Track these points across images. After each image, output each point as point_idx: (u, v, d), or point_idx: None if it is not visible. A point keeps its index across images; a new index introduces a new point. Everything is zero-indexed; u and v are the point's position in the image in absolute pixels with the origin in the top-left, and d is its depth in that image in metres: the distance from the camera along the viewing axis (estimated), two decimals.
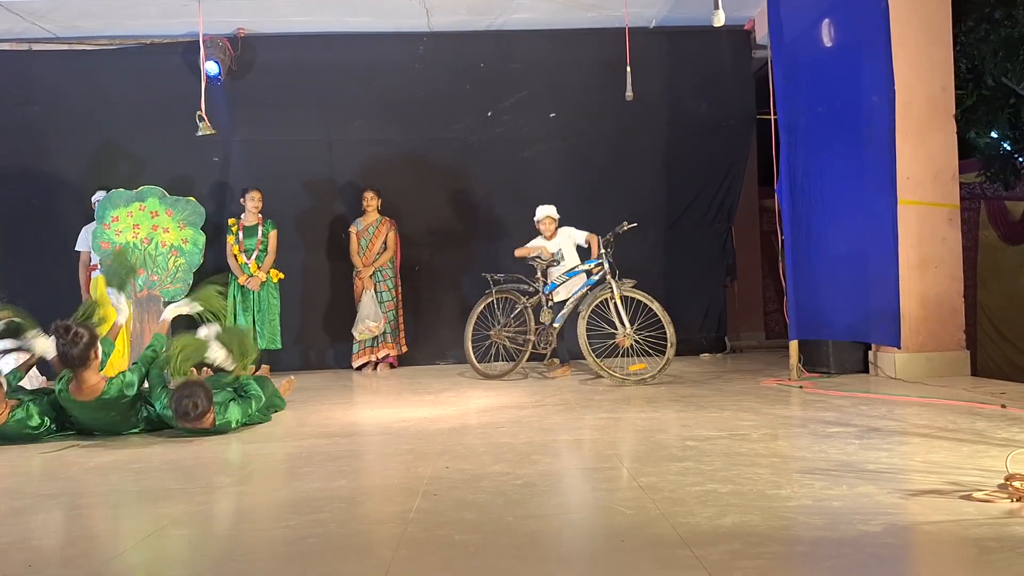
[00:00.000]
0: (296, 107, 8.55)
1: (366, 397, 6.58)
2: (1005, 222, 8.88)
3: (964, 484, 2.97)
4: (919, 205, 6.23)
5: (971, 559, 2.32)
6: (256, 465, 3.97)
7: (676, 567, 2.24)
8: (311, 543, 2.58)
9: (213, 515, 3.10)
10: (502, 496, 3.07)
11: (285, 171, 8.53)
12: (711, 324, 8.88)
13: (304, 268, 8.59)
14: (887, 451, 3.65)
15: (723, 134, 8.76)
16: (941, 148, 6.35)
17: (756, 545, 2.38)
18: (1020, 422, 4.21)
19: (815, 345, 6.63)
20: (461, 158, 8.75)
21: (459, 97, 8.69)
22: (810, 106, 6.39)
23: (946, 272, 6.32)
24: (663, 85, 8.69)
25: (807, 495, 2.94)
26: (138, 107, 8.42)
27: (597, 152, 8.73)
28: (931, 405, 4.91)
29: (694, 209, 8.84)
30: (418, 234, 8.64)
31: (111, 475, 3.85)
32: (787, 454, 3.73)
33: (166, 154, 8.35)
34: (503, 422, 4.86)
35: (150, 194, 6.69)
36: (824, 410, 4.87)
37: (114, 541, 2.82)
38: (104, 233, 6.59)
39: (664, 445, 3.99)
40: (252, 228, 7.93)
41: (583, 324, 6.57)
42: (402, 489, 3.30)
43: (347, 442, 4.44)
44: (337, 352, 8.56)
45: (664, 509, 2.80)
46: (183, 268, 6.59)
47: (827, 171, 6.29)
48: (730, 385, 6.25)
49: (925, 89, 6.30)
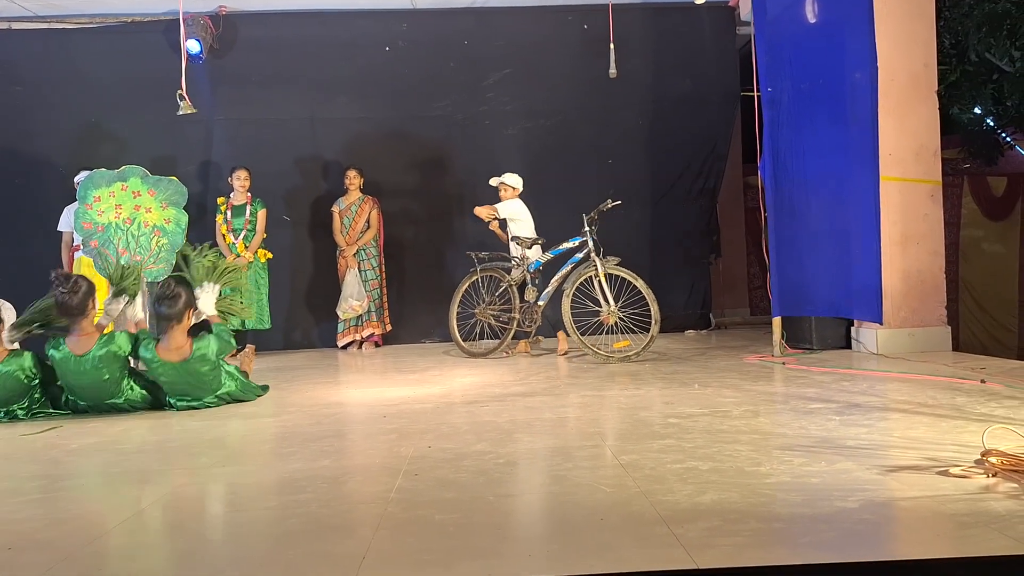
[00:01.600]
0: (278, 85, 8.49)
1: (350, 376, 6.58)
2: (987, 198, 8.92)
3: (942, 460, 3.00)
4: (901, 181, 6.24)
5: (947, 534, 2.34)
6: (239, 446, 3.96)
7: (654, 545, 2.25)
8: (292, 523, 2.58)
9: (194, 496, 3.10)
10: (483, 475, 3.08)
11: (268, 150, 8.48)
12: (696, 301, 8.91)
13: (288, 247, 8.56)
14: (867, 427, 3.68)
15: (707, 111, 8.75)
16: (923, 124, 6.35)
17: (734, 522, 2.40)
18: (998, 397, 4.24)
19: (798, 321, 6.67)
20: (445, 136, 8.71)
21: (442, 75, 8.64)
22: (793, 83, 6.39)
23: (928, 248, 6.34)
24: (647, 62, 8.66)
25: (786, 472, 2.96)
26: (119, 86, 8.34)
27: (581, 129, 8.70)
28: (912, 381, 4.94)
29: (678, 186, 8.83)
30: (402, 212, 8.61)
31: (93, 456, 3.84)
32: (768, 431, 3.75)
33: (148, 133, 8.30)
34: (487, 400, 4.88)
35: (132, 174, 6.61)
36: (806, 386, 4.90)
37: (94, 523, 2.81)
38: (86, 213, 6.53)
39: (647, 422, 4.01)
40: (240, 207, 7.89)
41: (568, 302, 6.57)
42: (384, 469, 3.31)
43: (331, 422, 4.44)
44: (322, 331, 8.55)
45: (644, 487, 2.81)
46: (166, 248, 6.54)
47: (810, 148, 6.29)
48: (714, 362, 6.28)
49: (908, 65, 6.30)
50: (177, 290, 4.83)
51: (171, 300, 4.78)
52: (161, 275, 6.59)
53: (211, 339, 4.90)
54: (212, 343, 4.88)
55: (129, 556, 2.41)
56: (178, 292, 4.82)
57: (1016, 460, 2.77)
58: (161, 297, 4.80)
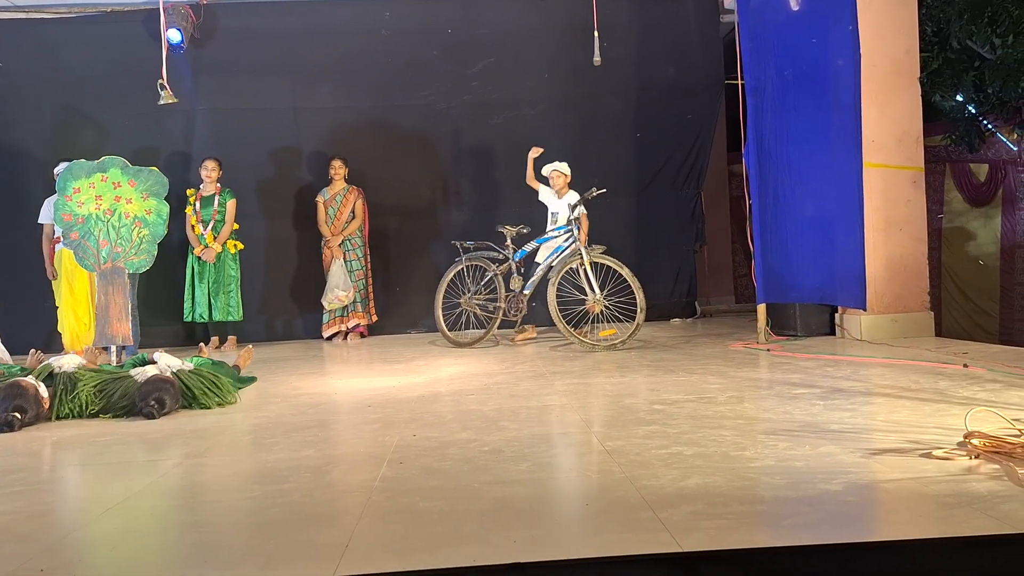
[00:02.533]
0: (260, 75, 8.43)
1: (336, 367, 6.56)
2: (970, 185, 8.96)
3: (925, 442, 3.01)
4: (884, 168, 6.26)
5: (929, 515, 2.36)
6: (221, 437, 3.94)
7: (639, 529, 2.25)
8: (274, 513, 2.57)
9: (176, 487, 3.07)
10: (468, 463, 3.07)
11: (250, 139, 8.43)
12: (681, 289, 8.92)
13: (271, 237, 8.51)
14: (850, 411, 3.69)
15: (692, 99, 8.74)
16: (906, 111, 6.37)
17: (718, 506, 2.40)
18: (981, 381, 4.27)
19: (783, 308, 6.69)
20: (429, 125, 8.67)
21: (426, 63, 8.59)
22: (777, 70, 6.39)
23: (911, 234, 6.37)
24: (631, 51, 8.64)
25: (770, 456, 2.96)
26: (99, 76, 8.26)
27: (566, 118, 8.67)
28: (895, 366, 4.96)
29: (663, 174, 8.83)
30: (387, 202, 8.55)
31: (74, 449, 3.81)
32: (752, 416, 3.76)
33: (129, 124, 8.23)
34: (473, 389, 4.87)
35: (112, 164, 6.54)
36: (790, 372, 4.92)
37: (74, 515, 2.79)
38: (66, 205, 6.46)
39: (632, 409, 4.01)
40: (209, 198, 7.86)
41: (553, 291, 6.57)
42: (368, 458, 3.29)
43: (315, 412, 4.42)
44: (306, 322, 8.51)
45: (629, 472, 2.81)
46: (147, 239, 6.47)
47: (794, 135, 6.30)
48: (699, 349, 6.29)
49: (890, 52, 6.31)
50: (160, 397, 4.38)
51: (157, 406, 4.36)
52: (143, 267, 6.54)
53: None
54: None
55: (110, 546, 2.39)
56: (161, 399, 4.38)
57: (998, 442, 2.79)
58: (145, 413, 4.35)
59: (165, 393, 4.41)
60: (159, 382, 4.47)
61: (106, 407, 4.46)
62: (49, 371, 4.58)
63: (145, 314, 7.56)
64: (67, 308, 7.36)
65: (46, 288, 7.65)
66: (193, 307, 7.82)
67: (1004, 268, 8.94)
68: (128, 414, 4.42)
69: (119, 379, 4.58)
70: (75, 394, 4.46)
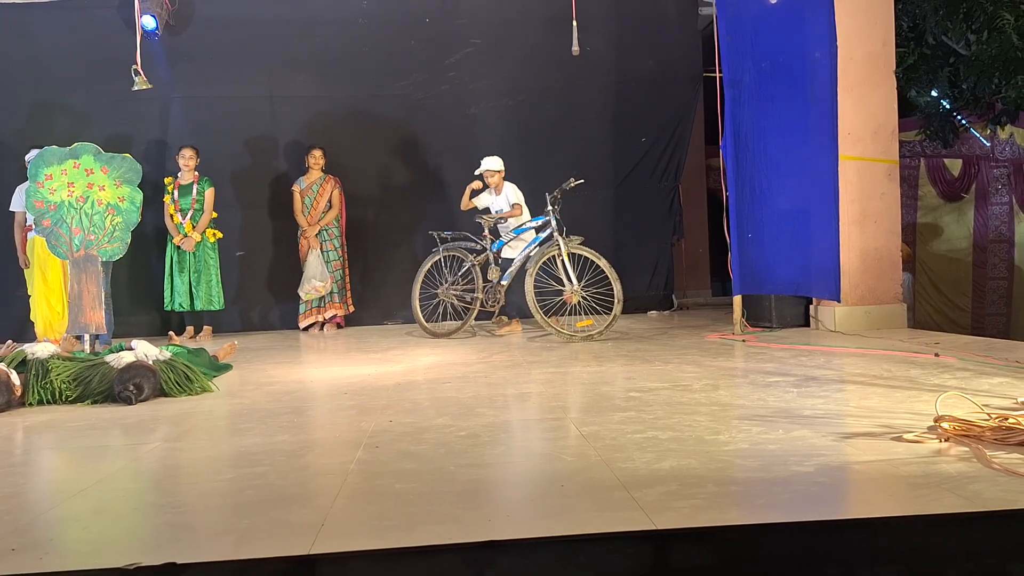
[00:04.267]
0: (236, 63, 8.35)
1: (312, 356, 6.54)
2: (943, 179, 9.06)
3: (896, 427, 3.04)
4: (859, 161, 6.31)
5: (899, 495, 2.38)
6: (195, 422, 3.91)
7: (614, 508, 2.26)
8: (249, 494, 2.56)
9: (149, 470, 3.05)
10: (444, 447, 3.07)
11: (226, 128, 8.37)
12: (658, 282, 8.95)
13: (247, 227, 8.46)
14: (823, 398, 3.73)
15: (670, 91, 8.78)
16: (881, 104, 6.42)
17: (692, 486, 2.41)
18: (952, 369, 4.31)
19: (758, 300, 6.73)
20: (407, 115, 8.64)
21: (404, 53, 8.55)
22: (755, 62, 6.42)
23: (885, 227, 6.42)
24: (609, 41, 8.65)
25: (744, 439, 2.99)
26: (72, 63, 8.15)
27: (544, 109, 8.68)
28: (868, 355, 5.01)
29: (642, 167, 8.86)
30: (364, 193, 8.53)
31: (47, 433, 3.78)
32: (727, 402, 3.79)
33: (103, 111, 8.13)
34: (450, 378, 4.86)
35: (84, 151, 6.46)
36: (765, 361, 4.95)
37: (46, 496, 2.77)
38: (38, 192, 6.37)
39: (608, 396, 4.02)
40: (187, 187, 7.81)
41: (531, 281, 6.57)
42: (344, 442, 3.29)
43: (290, 399, 4.40)
44: (282, 313, 8.47)
45: (605, 455, 2.82)
46: (120, 227, 6.40)
47: (771, 127, 6.33)
48: (675, 340, 6.32)
49: (866, 45, 6.36)
50: (139, 383, 4.35)
51: (136, 391, 4.33)
52: (116, 255, 6.48)
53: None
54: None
55: (82, 526, 2.37)
56: (140, 385, 4.35)
57: (968, 425, 2.82)
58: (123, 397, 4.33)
59: (144, 379, 4.37)
60: (138, 368, 4.44)
61: (83, 393, 4.42)
62: (22, 357, 4.53)
63: (120, 303, 7.49)
64: (40, 296, 7.28)
65: (18, 277, 7.56)
66: (173, 296, 7.77)
67: (976, 263, 9.05)
68: (106, 400, 4.38)
69: (95, 366, 4.54)
70: (48, 380, 4.42)
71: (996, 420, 2.85)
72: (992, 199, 9.10)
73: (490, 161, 7.21)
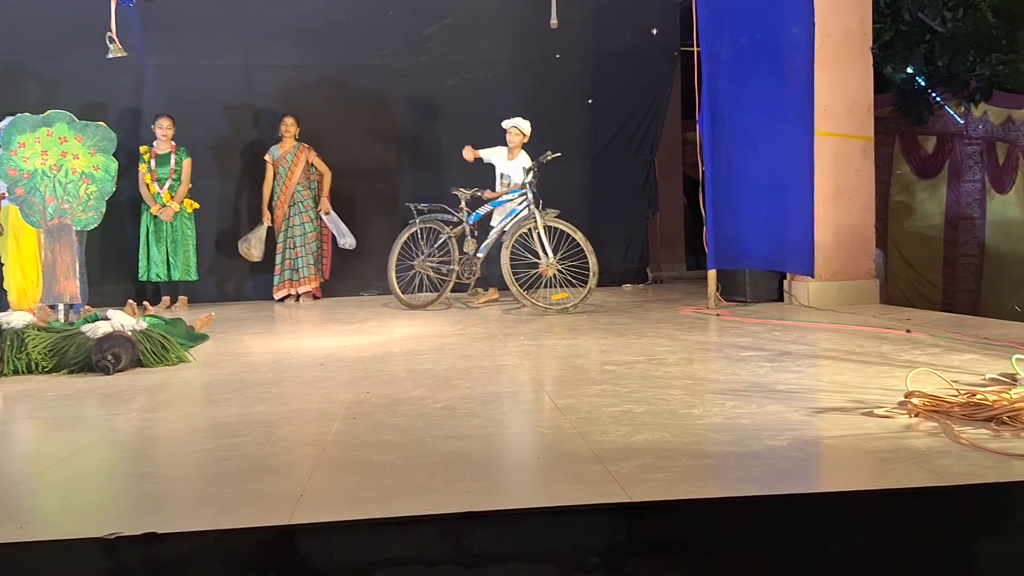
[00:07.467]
0: (212, 31, 8.25)
1: (288, 327, 6.52)
2: (918, 156, 9.12)
3: (867, 402, 3.10)
4: (835, 137, 6.35)
5: (869, 469, 2.44)
6: (172, 392, 3.91)
7: (589, 481, 2.29)
8: (227, 465, 2.57)
9: (127, 440, 3.05)
10: (421, 419, 3.09)
11: (202, 97, 8.27)
12: (633, 255, 9.01)
13: (223, 197, 8.40)
14: (796, 373, 3.78)
15: (648, 65, 8.78)
16: (857, 81, 6.45)
17: (666, 460, 2.45)
18: (923, 345, 4.38)
19: (733, 275, 6.78)
20: (384, 86, 8.59)
21: (381, 23, 8.48)
22: (732, 37, 6.43)
23: (859, 203, 6.48)
24: (588, 14, 8.62)
25: (718, 414, 3.03)
26: (46, 30, 8.00)
27: (521, 81, 8.64)
28: (840, 331, 5.08)
29: (618, 140, 8.87)
30: (340, 164, 8.46)
31: (23, 403, 3.76)
32: (701, 376, 3.83)
33: (76, 78, 8.01)
34: (426, 350, 4.88)
35: (58, 119, 6.37)
36: (739, 336, 5.01)
37: (23, 466, 2.76)
38: (11, 160, 6.29)
39: (583, 369, 4.06)
40: (164, 156, 7.73)
41: (507, 254, 6.57)
42: (321, 414, 3.30)
43: (267, 369, 4.40)
44: (257, 284, 8.43)
45: (580, 428, 2.86)
46: (95, 196, 6.33)
47: (748, 102, 6.36)
48: (650, 314, 6.37)
49: (843, 21, 6.37)
50: (117, 352, 4.33)
51: (113, 361, 4.30)
52: (91, 224, 6.41)
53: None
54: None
55: (61, 495, 2.37)
56: (117, 354, 4.32)
57: (937, 401, 2.88)
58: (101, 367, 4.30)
59: (122, 348, 4.35)
60: (116, 338, 4.42)
61: (59, 364, 4.39)
62: None
63: (95, 273, 7.43)
64: (14, 264, 7.19)
65: None
66: (149, 266, 7.71)
67: (948, 239, 9.14)
68: (83, 369, 4.36)
69: (71, 336, 4.51)
70: (24, 351, 4.39)
71: (965, 396, 2.91)
72: (965, 176, 9.18)
73: (521, 122, 7.19)
